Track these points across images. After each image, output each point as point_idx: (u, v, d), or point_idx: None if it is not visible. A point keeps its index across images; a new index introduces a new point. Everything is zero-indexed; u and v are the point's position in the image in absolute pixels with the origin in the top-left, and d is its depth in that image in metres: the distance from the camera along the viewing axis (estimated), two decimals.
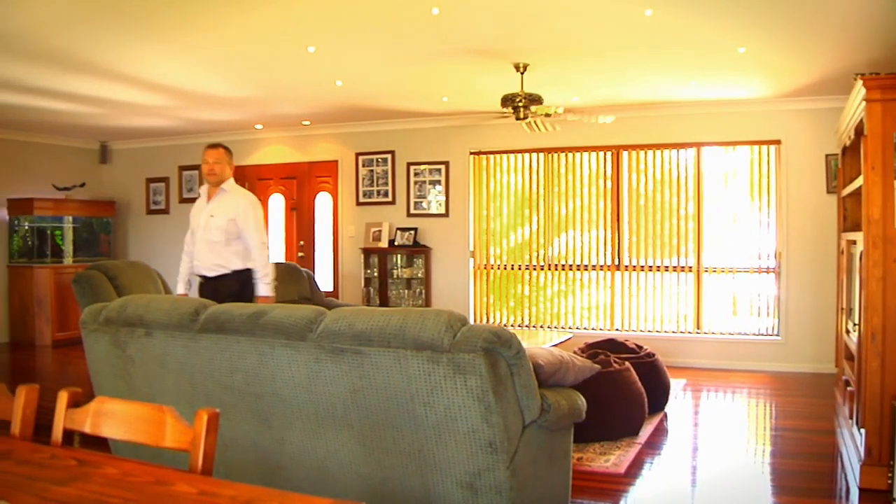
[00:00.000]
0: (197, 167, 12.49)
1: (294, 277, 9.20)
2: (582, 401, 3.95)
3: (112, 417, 2.31)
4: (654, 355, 7.10)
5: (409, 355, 3.39)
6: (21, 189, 11.97)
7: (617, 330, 9.95)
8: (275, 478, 3.93)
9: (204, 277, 6.27)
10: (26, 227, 11.91)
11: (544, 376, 3.82)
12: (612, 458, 5.55)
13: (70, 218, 12.26)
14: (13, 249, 11.93)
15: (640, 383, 6.39)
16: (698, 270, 9.61)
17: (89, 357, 4.69)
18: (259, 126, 11.59)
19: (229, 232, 6.11)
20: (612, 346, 7.26)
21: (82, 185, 12.73)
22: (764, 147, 9.31)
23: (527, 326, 10.44)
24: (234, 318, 3.93)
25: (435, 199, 10.86)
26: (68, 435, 2.38)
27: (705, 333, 9.62)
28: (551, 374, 3.88)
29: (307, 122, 11.24)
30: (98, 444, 2.60)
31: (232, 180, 6.27)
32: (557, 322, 10.40)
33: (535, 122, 7.92)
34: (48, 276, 11.63)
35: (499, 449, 3.35)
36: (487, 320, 10.68)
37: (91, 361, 4.68)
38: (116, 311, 4.45)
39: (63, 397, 2.40)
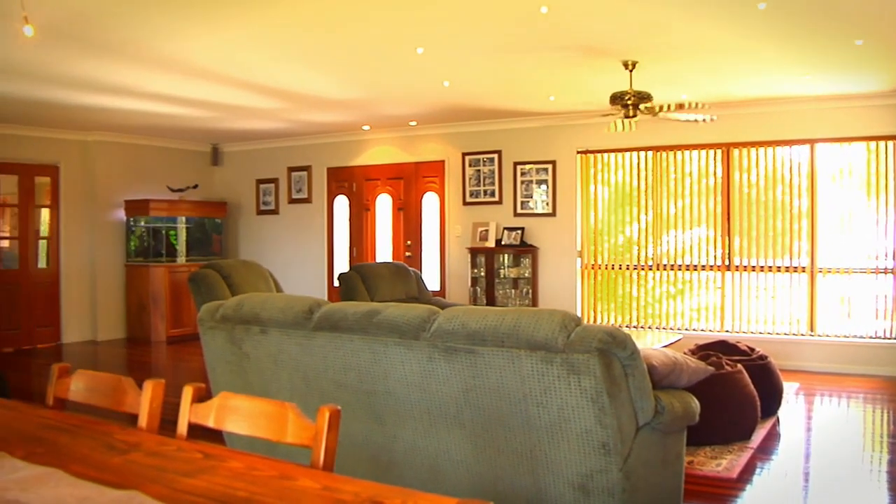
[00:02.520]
0: (306, 168, 12.70)
1: (402, 276, 9.28)
2: (696, 403, 3.89)
3: (235, 413, 2.36)
4: (766, 358, 6.94)
5: (522, 355, 3.38)
6: (138, 191, 12.37)
7: (727, 331, 9.75)
8: (386, 475, 3.97)
9: None
10: (142, 228, 12.30)
11: (658, 378, 3.78)
12: (724, 463, 5.44)
13: (183, 218, 12.61)
14: (130, 249, 12.33)
15: (752, 386, 6.25)
16: (812, 271, 9.36)
17: (206, 353, 4.81)
18: (366, 127, 11.71)
19: None
20: (723, 348, 7.12)
21: (195, 186, 13.08)
22: (881, 143, 8.99)
23: (634, 327, 10.32)
24: (347, 316, 3.98)
25: (541, 199, 10.81)
26: (192, 428, 2.45)
27: (819, 336, 9.36)
28: (665, 376, 3.83)
29: (414, 123, 11.32)
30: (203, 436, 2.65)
31: None
32: (665, 323, 10.25)
33: (619, 121, 7.78)
34: (163, 274, 11.98)
35: (612, 451, 3.32)
36: (594, 320, 10.59)
37: (208, 358, 4.80)
38: (233, 309, 4.55)
39: (188, 392, 2.46)
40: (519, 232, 10.79)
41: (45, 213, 11.76)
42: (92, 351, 11.16)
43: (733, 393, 6.02)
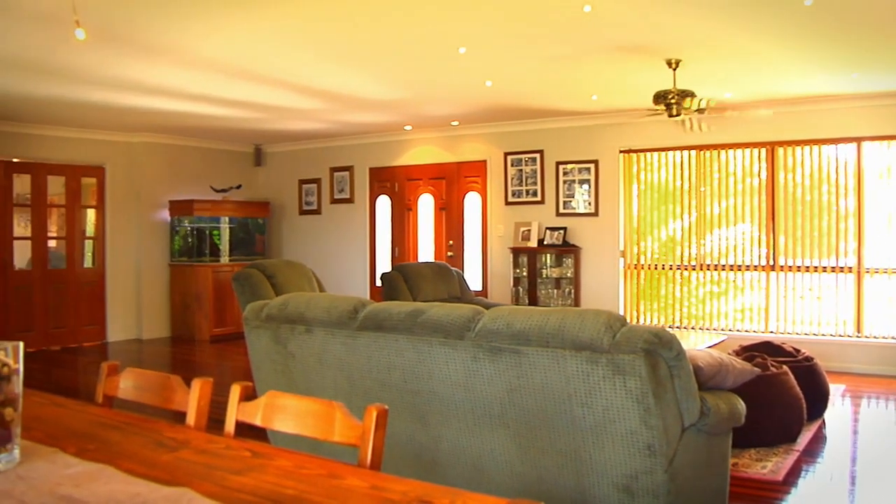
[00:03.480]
0: (348, 168, 12.75)
1: (444, 276, 9.29)
2: (741, 405, 3.86)
3: (283, 411, 2.38)
4: (812, 359, 6.86)
5: (567, 355, 3.37)
6: (182, 191, 12.50)
7: (772, 332, 9.65)
8: (430, 474, 3.98)
9: None
10: (186, 228, 12.42)
11: (703, 379, 3.75)
12: (769, 465, 5.39)
13: (227, 218, 12.71)
14: (174, 249, 12.46)
15: (798, 388, 6.18)
16: (859, 271, 9.23)
17: (251, 352, 4.84)
18: (408, 127, 11.74)
19: None
20: (768, 349, 7.05)
21: (238, 186, 13.18)
22: None
23: (678, 327, 10.25)
24: (392, 316, 3.99)
25: (583, 199, 10.77)
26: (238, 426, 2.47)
27: (866, 337, 9.22)
28: (711, 377, 3.81)
29: (456, 123, 11.33)
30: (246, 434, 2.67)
31: None
32: (709, 324, 10.17)
33: (690, 119, 7.75)
34: (207, 274, 12.08)
35: (657, 452, 3.30)
36: (637, 321, 10.53)
37: (252, 356, 4.83)
38: (278, 309, 4.58)
39: (236, 391, 2.48)
40: (561, 232, 10.75)
41: (90, 214, 11.92)
42: (137, 349, 11.29)
43: (779, 395, 5.96)
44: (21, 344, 2.01)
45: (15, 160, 10.97)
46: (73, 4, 4.00)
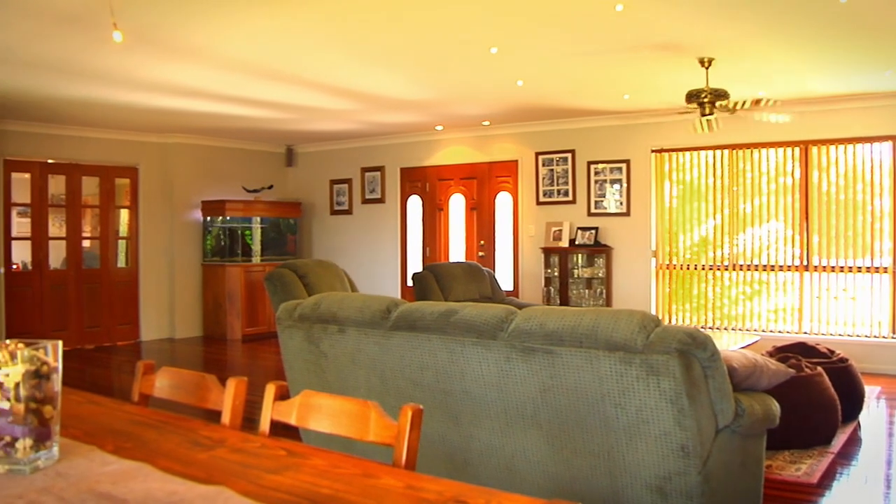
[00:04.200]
0: (379, 168, 12.78)
1: (475, 276, 9.29)
2: (776, 406, 3.83)
3: (318, 411, 2.39)
4: (847, 360, 6.79)
5: (601, 356, 3.36)
6: (214, 191, 12.58)
7: (806, 333, 9.56)
8: (462, 474, 3.98)
9: None
10: (218, 228, 12.51)
11: (738, 380, 3.72)
12: (804, 468, 5.34)
13: (258, 218, 12.79)
14: (207, 248, 12.55)
15: (832, 390, 6.12)
16: (894, 271, 9.14)
17: (284, 351, 4.86)
18: (439, 127, 11.75)
19: None
20: (802, 350, 6.98)
21: (270, 187, 13.25)
22: None
23: (710, 328, 10.19)
24: (425, 316, 4.00)
25: (614, 198, 10.73)
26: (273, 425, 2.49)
27: None
28: (745, 378, 3.78)
29: (487, 123, 11.32)
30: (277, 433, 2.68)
31: None
32: (742, 324, 10.10)
33: (701, 121, 7.67)
34: (238, 274, 12.16)
35: (691, 453, 3.28)
36: (669, 321, 10.47)
37: (285, 356, 4.85)
38: (310, 309, 4.60)
39: (270, 390, 2.50)
40: (593, 232, 10.72)
41: (124, 214, 12.03)
42: (169, 348, 11.37)
43: (813, 396, 5.90)
44: (60, 343, 2.03)
45: (50, 161, 11.09)
46: (111, 7, 4.04)
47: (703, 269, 10.31)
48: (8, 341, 1.98)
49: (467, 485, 1.87)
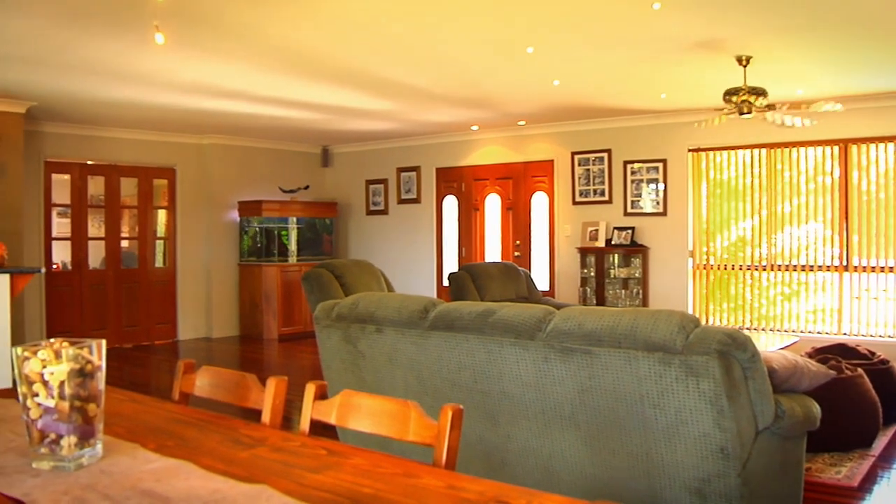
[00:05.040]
0: (415, 169, 12.80)
1: (512, 276, 9.27)
2: (817, 408, 3.79)
3: (358, 410, 2.39)
4: (888, 362, 6.70)
5: (639, 356, 3.35)
6: (250, 192, 12.67)
7: (845, 334, 9.46)
8: (499, 474, 3.97)
9: None
10: (255, 228, 12.58)
11: (778, 381, 3.69)
12: (844, 471, 5.28)
13: (295, 219, 12.85)
14: (243, 249, 12.63)
15: (873, 392, 6.04)
16: None
17: (321, 351, 4.88)
18: (475, 127, 11.74)
19: None
20: (842, 352, 6.90)
21: (306, 187, 13.32)
22: None
23: (748, 329, 10.10)
24: (463, 316, 4.00)
25: (651, 198, 10.68)
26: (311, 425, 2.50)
27: None
28: (785, 379, 3.75)
29: (522, 122, 11.31)
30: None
31: None
32: (780, 325, 10.01)
33: (721, 116, 7.60)
34: (275, 273, 12.22)
35: (730, 455, 3.26)
36: (707, 322, 10.40)
37: (323, 355, 4.87)
38: (348, 308, 4.61)
39: (310, 389, 2.51)
40: (629, 231, 10.67)
41: (161, 215, 12.14)
42: (206, 348, 11.46)
43: (854, 398, 5.83)
44: (104, 342, 2.05)
45: (89, 162, 11.21)
46: (154, 10, 4.08)
47: (741, 269, 10.23)
48: (52, 340, 2.01)
49: (508, 485, 1.87)
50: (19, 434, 2.27)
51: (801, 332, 9.74)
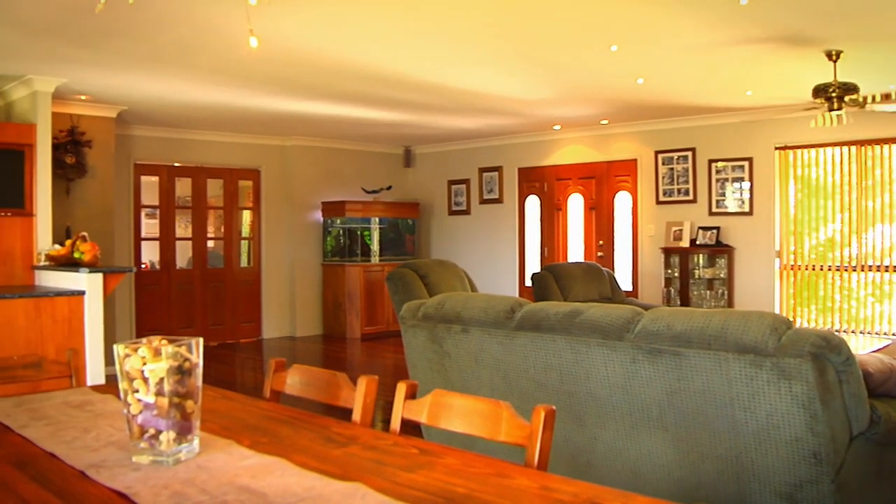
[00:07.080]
0: (497, 169, 12.80)
1: (595, 276, 9.21)
2: None
3: (449, 410, 2.40)
4: None
5: (730, 358, 3.30)
6: (333, 192, 12.80)
7: None
8: (585, 476, 3.93)
9: None
10: (338, 228, 12.72)
11: (873, 385, 3.60)
12: None
13: (377, 219, 12.95)
14: (327, 249, 12.78)
15: None
16: None
17: (407, 350, 4.91)
18: (557, 127, 11.69)
19: None
20: None
21: (389, 188, 13.40)
22: None
23: (838, 331, 9.87)
24: (549, 316, 3.98)
25: (735, 197, 10.50)
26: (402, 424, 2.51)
27: None
28: (881, 383, 3.65)
29: (605, 122, 11.21)
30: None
31: None
32: (870, 327, 9.76)
33: (824, 115, 7.42)
34: (358, 273, 12.33)
35: (824, 460, 3.19)
36: (795, 324, 10.17)
37: (409, 355, 4.90)
38: (434, 308, 4.63)
39: (401, 389, 2.52)
40: (714, 231, 10.52)
41: (246, 215, 12.34)
42: (291, 347, 11.60)
43: None
44: (201, 340, 2.10)
45: (177, 164, 11.45)
46: (248, 14, 4.16)
47: (830, 269, 10.01)
48: (152, 338, 2.05)
49: (602, 487, 1.86)
50: (118, 429, 2.34)
51: (894, 334, 9.49)
